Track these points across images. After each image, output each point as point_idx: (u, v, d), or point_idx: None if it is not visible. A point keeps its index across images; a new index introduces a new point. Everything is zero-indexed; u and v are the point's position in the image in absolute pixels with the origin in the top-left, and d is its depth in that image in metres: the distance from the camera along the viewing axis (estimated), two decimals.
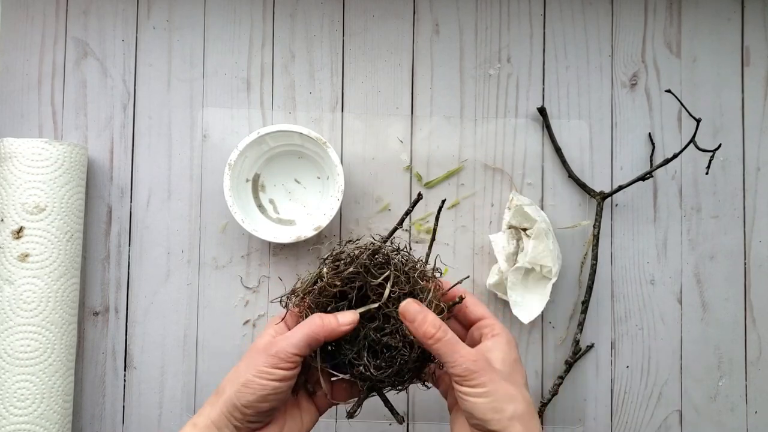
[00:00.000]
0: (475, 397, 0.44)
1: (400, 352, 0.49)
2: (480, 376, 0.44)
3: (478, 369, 0.44)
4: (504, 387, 0.44)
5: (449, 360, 0.45)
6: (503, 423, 0.43)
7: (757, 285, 0.67)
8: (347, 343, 0.50)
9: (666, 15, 0.69)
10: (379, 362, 0.49)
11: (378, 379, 0.49)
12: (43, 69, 0.67)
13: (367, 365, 0.49)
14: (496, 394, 0.43)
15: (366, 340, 0.49)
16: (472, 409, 0.44)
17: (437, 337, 0.46)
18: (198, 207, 0.67)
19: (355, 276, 0.50)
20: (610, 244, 0.67)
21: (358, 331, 0.49)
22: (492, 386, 0.44)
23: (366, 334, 0.49)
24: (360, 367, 0.49)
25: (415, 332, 0.47)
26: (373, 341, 0.49)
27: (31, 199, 0.60)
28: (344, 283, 0.50)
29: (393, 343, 0.49)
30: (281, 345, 0.47)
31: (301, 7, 0.68)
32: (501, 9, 0.68)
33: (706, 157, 0.65)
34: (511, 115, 0.68)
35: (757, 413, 0.67)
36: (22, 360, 0.59)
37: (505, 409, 0.43)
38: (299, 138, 0.63)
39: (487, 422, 0.43)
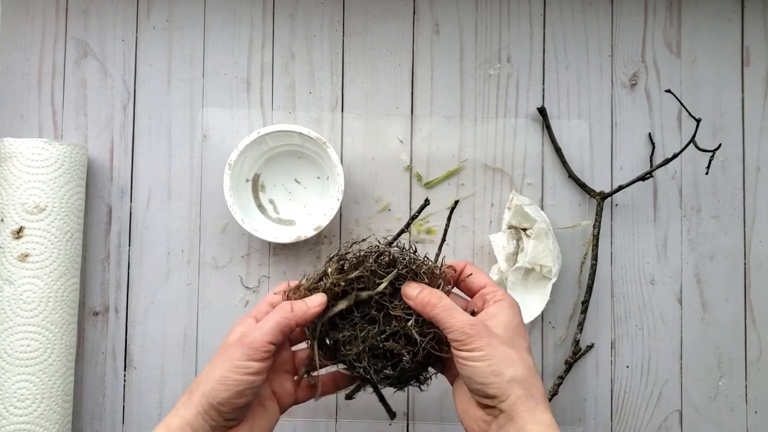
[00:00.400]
0: (473, 361, 0.44)
1: (402, 358, 0.48)
2: (477, 339, 0.44)
3: (474, 333, 0.44)
4: (503, 350, 0.44)
5: (446, 325, 0.45)
6: (502, 386, 0.43)
7: (757, 285, 0.67)
8: (346, 345, 0.49)
9: (666, 15, 0.69)
10: (380, 367, 0.49)
11: (379, 380, 0.49)
12: (43, 69, 0.67)
13: (367, 368, 0.48)
14: (494, 358, 0.43)
15: (366, 343, 0.48)
16: (471, 373, 0.44)
17: (433, 303, 0.46)
18: (198, 207, 0.67)
19: (360, 278, 0.49)
20: (610, 244, 0.67)
21: (358, 332, 0.49)
22: (490, 350, 0.43)
23: (366, 337, 0.48)
24: (360, 370, 0.49)
25: (415, 306, 0.47)
26: (374, 345, 0.48)
27: (31, 199, 0.60)
28: (348, 283, 0.49)
29: (396, 349, 0.48)
30: (254, 335, 0.46)
31: (301, 7, 0.68)
32: (501, 9, 0.68)
33: (706, 157, 0.65)
34: (511, 115, 0.68)
35: (757, 413, 0.67)
36: (22, 360, 0.59)
37: (504, 372, 0.43)
38: (299, 138, 0.63)
39: (486, 386, 0.43)
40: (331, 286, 0.49)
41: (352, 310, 0.49)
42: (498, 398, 0.43)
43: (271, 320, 0.47)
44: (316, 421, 0.66)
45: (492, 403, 0.43)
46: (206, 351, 0.66)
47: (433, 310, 0.46)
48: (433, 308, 0.46)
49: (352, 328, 0.49)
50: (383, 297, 0.49)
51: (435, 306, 0.46)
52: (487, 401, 0.44)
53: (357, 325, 0.49)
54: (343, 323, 0.50)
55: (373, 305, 0.49)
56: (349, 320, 0.49)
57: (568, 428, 0.66)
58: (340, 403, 0.66)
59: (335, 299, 0.50)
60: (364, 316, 0.49)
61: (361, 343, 0.48)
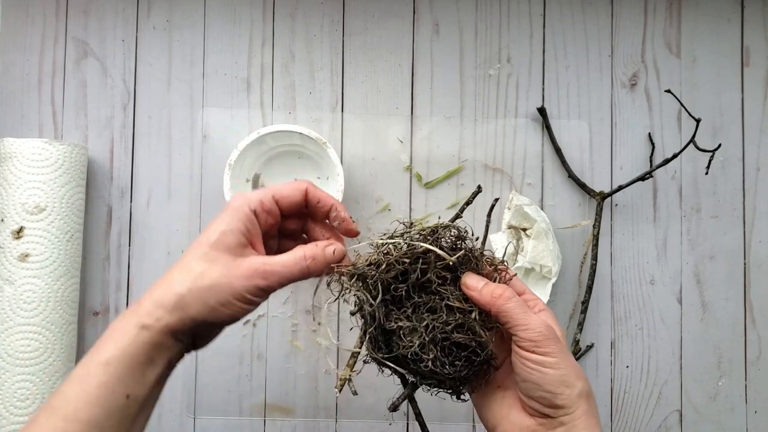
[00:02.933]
0: (545, 366, 0.40)
1: (471, 350, 0.43)
2: (552, 343, 0.40)
3: (551, 335, 0.40)
4: (572, 361, 0.40)
5: (521, 322, 0.40)
6: (572, 399, 0.39)
7: (756, 285, 0.67)
8: (407, 335, 0.43)
9: (666, 15, 0.69)
10: (452, 359, 0.42)
11: (440, 380, 0.43)
12: (43, 69, 0.67)
13: (437, 359, 0.42)
14: (567, 367, 0.40)
15: (433, 333, 0.42)
16: (539, 379, 0.40)
17: (506, 296, 0.41)
18: (198, 207, 0.67)
19: (422, 256, 0.43)
20: (609, 244, 0.67)
21: (419, 322, 0.43)
22: (562, 357, 0.40)
23: (430, 326, 0.42)
24: (428, 362, 0.42)
25: (480, 298, 0.42)
26: (441, 334, 0.42)
27: (32, 199, 0.60)
28: (412, 261, 0.43)
29: (462, 339, 0.42)
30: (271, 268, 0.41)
31: (301, 7, 0.68)
32: (501, 9, 0.68)
33: (706, 157, 0.65)
34: (511, 115, 0.68)
35: (757, 413, 0.67)
36: (22, 360, 0.59)
37: (575, 384, 0.40)
38: (299, 138, 0.63)
39: (555, 396, 0.39)
40: (395, 263, 0.43)
41: (405, 300, 0.44)
42: (564, 409, 0.40)
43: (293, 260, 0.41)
44: (316, 421, 0.66)
45: (554, 413, 0.40)
46: (206, 351, 0.66)
47: (507, 303, 0.41)
48: (507, 301, 0.41)
49: (408, 319, 0.43)
50: (443, 284, 0.44)
51: (509, 299, 0.41)
52: (549, 411, 0.40)
53: (415, 314, 0.43)
54: (398, 313, 0.43)
55: (431, 294, 0.44)
56: (402, 311, 0.43)
57: None
58: (340, 403, 0.66)
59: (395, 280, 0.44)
60: (421, 305, 0.43)
61: (425, 331, 0.42)
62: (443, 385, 0.44)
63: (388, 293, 0.43)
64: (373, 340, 0.43)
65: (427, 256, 0.43)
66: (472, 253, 0.44)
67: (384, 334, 0.43)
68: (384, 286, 0.43)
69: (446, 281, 0.44)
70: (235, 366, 0.66)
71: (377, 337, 0.43)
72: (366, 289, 0.43)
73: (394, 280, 0.43)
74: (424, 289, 0.44)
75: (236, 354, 0.66)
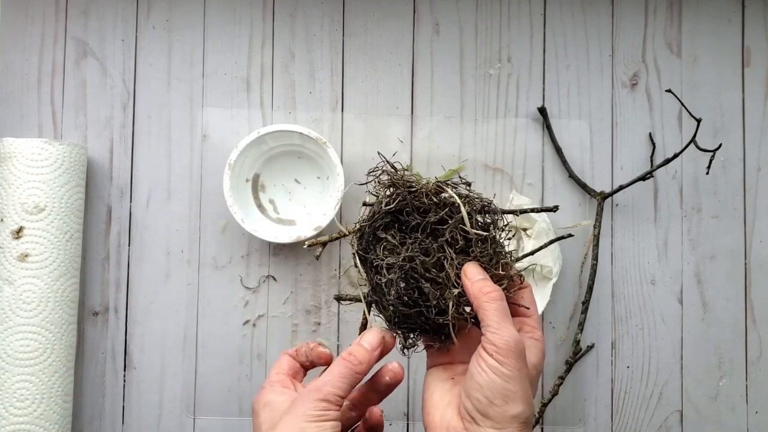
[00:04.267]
0: (497, 375, 0.40)
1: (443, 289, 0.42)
2: (514, 359, 0.40)
3: (517, 352, 0.40)
4: (526, 388, 0.40)
5: (494, 326, 0.40)
6: (504, 416, 0.39)
7: (757, 285, 0.67)
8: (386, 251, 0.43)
9: (666, 15, 0.69)
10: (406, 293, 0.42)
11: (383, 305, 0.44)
12: (43, 69, 0.67)
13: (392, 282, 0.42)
14: (517, 385, 0.40)
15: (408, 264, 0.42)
16: (484, 383, 0.40)
17: (493, 296, 0.41)
18: (198, 207, 0.67)
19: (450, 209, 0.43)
20: (610, 244, 0.67)
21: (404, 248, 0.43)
22: (517, 376, 0.40)
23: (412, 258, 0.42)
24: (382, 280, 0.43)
25: (469, 287, 0.42)
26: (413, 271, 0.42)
27: (31, 199, 0.60)
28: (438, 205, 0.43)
29: (428, 291, 0.42)
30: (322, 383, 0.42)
31: (301, 7, 0.68)
32: (501, 9, 0.68)
33: (707, 157, 0.65)
34: (511, 115, 0.68)
35: (758, 413, 0.67)
36: (22, 360, 0.59)
37: (515, 404, 0.40)
38: (299, 138, 0.63)
39: (490, 404, 0.40)
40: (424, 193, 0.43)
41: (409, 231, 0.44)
42: (491, 421, 0.40)
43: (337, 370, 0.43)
44: None
45: (481, 421, 0.40)
46: (206, 351, 0.66)
47: (490, 303, 0.41)
48: (490, 301, 0.41)
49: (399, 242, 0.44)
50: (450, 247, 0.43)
51: (493, 300, 0.41)
52: (477, 416, 0.40)
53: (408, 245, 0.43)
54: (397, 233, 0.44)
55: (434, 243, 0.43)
56: (401, 236, 0.44)
57: (569, 428, 0.66)
58: None
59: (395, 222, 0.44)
60: (419, 242, 0.43)
61: (402, 259, 0.42)
62: (384, 312, 0.44)
63: (401, 215, 0.44)
64: (362, 236, 0.45)
65: (453, 212, 0.43)
66: (496, 243, 0.44)
67: (374, 240, 0.44)
68: (402, 204, 0.44)
69: (456, 246, 0.43)
70: (235, 366, 0.66)
71: (365, 237, 0.45)
72: (387, 197, 0.44)
73: (414, 210, 0.44)
74: (433, 236, 0.44)
75: (236, 354, 0.66)
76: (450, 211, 0.43)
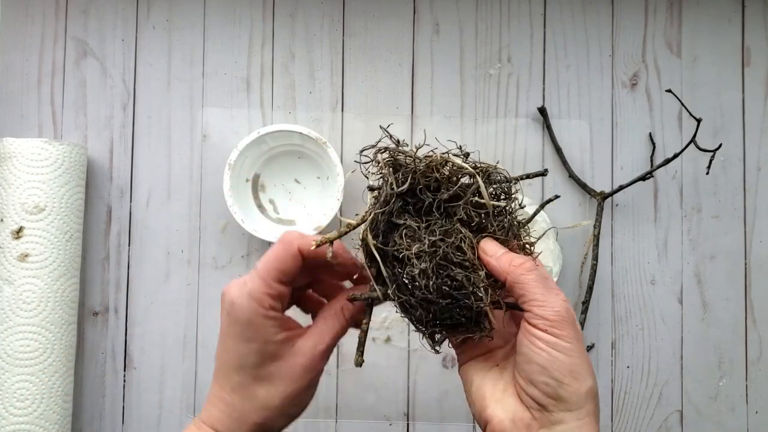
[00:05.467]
0: (558, 350, 0.35)
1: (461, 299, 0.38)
2: (569, 327, 0.35)
3: (570, 319, 0.35)
4: (586, 355, 0.36)
5: (539, 297, 0.36)
6: (578, 395, 0.35)
7: (757, 285, 0.67)
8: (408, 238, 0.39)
9: (666, 15, 0.69)
10: (441, 282, 0.38)
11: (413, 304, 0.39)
12: (43, 69, 0.67)
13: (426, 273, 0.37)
14: (581, 358, 0.35)
15: (435, 248, 0.38)
16: (548, 363, 0.35)
17: (527, 266, 0.37)
18: (198, 207, 0.67)
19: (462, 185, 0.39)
20: (610, 244, 0.67)
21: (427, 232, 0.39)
22: (577, 346, 0.35)
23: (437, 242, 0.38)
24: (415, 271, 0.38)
25: (497, 264, 0.37)
26: (444, 255, 0.38)
27: (31, 199, 0.60)
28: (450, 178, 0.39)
29: (461, 278, 0.38)
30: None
31: (301, 7, 0.68)
32: (501, 9, 0.68)
33: (707, 157, 0.65)
34: (511, 114, 0.68)
35: (758, 413, 0.67)
36: (22, 360, 0.59)
37: (585, 379, 0.35)
38: (299, 138, 0.63)
39: (561, 385, 0.35)
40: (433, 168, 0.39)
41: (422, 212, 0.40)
42: (566, 404, 0.35)
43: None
44: (316, 422, 0.66)
45: (554, 406, 0.36)
46: (206, 351, 0.66)
47: (527, 274, 0.36)
48: (527, 272, 0.36)
49: (416, 223, 0.39)
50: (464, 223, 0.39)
51: (530, 271, 0.36)
52: (548, 402, 0.36)
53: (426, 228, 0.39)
54: (410, 217, 0.40)
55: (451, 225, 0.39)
56: (415, 219, 0.40)
57: None
58: (340, 403, 0.66)
59: None
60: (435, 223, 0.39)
61: (427, 245, 0.38)
62: (413, 311, 0.39)
63: (413, 196, 0.40)
64: (375, 225, 0.39)
65: (467, 186, 0.39)
66: (512, 215, 0.40)
67: (389, 227, 0.40)
68: (413, 184, 0.39)
69: (471, 222, 0.39)
70: None
71: (379, 225, 0.39)
72: (395, 176, 0.39)
73: (425, 188, 0.39)
74: (448, 215, 0.40)
75: None
76: (462, 185, 0.39)
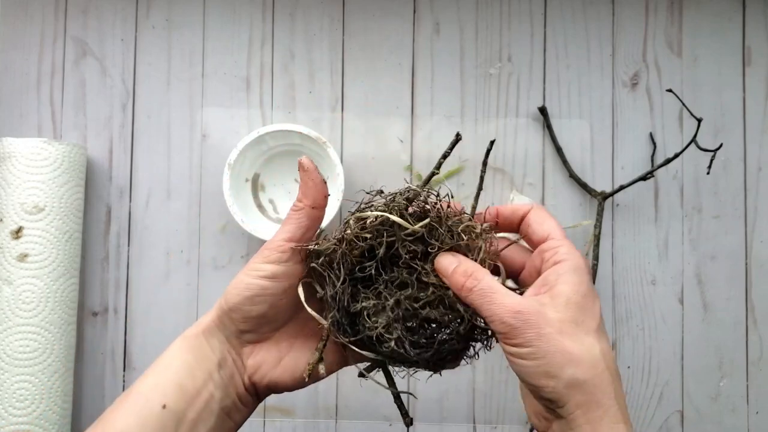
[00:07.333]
0: (520, 358, 0.35)
1: (442, 327, 0.39)
2: (524, 332, 0.34)
3: (520, 323, 0.34)
4: (559, 343, 0.34)
5: (486, 314, 0.36)
6: (558, 391, 0.34)
7: (758, 285, 0.67)
8: (372, 316, 0.39)
9: (667, 15, 0.68)
10: (417, 338, 0.38)
11: (411, 360, 0.40)
12: (42, 68, 0.67)
13: (401, 339, 0.38)
14: (547, 355, 0.34)
15: (398, 310, 0.39)
16: (519, 372, 0.35)
17: (467, 287, 0.37)
18: (197, 207, 0.67)
19: (384, 228, 0.39)
20: (611, 244, 0.67)
21: (385, 301, 0.39)
22: (541, 344, 0.34)
23: (397, 302, 0.39)
24: (391, 343, 0.38)
25: (451, 286, 0.38)
26: (407, 312, 0.39)
27: (30, 199, 0.60)
28: (374, 236, 0.39)
29: (434, 316, 0.39)
30: (272, 238, 0.40)
31: (301, 6, 0.68)
32: (501, 8, 0.68)
33: (708, 157, 0.65)
34: (511, 114, 0.67)
35: (759, 414, 0.66)
36: (22, 360, 0.59)
37: (560, 373, 0.34)
38: (299, 138, 0.63)
39: (540, 389, 0.35)
40: (355, 240, 0.39)
41: (375, 278, 0.40)
42: (555, 403, 0.35)
43: (285, 221, 0.41)
44: (316, 422, 0.66)
45: (549, 405, 0.35)
46: None
47: (469, 295, 0.36)
48: (468, 293, 0.36)
49: (377, 297, 0.39)
50: (414, 259, 0.40)
51: (471, 291, 0.36)
52: (544, 403, 0.36)
53: (384, 293, 0.39)
54: (366, 292, 0.40)
55: (402, 269, 0.40)
56: (372, 289, 0.40)
57: None
58: (339, 403, 0.66)
59: (361, 258, 0.40)
60: (392, 281, 0.40)
61: (391, 311, 0.39)
62: (417, 365, 0.40)
63: (355, 273, 0.40)
64: (337, 324, 0.40)
65: (392, 228, 0.39)
66: (443, 219, 0.40)
67: (350, 317, 0.40)
68: (349, 266, 0.40)
69: (417, 255, 0.40)
70: None
71: (341, 321, 0.40)
72: (331, 271, 0.40)
73: (362, 258, 0.40)
74: (397, 265, 0.40)
75: None
76: (389, 231, 0.39)
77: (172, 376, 0.40)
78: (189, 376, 0.40)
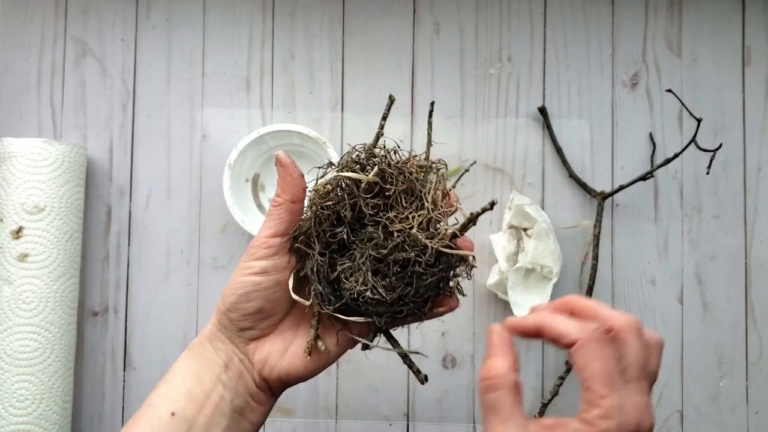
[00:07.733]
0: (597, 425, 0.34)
1: (412, 264, 0.39)
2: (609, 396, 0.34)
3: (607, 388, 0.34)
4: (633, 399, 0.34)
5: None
6: None
7: (758, 285, 0.67)
8: (350, 277, 0.40)
9: (667, 15, 0.69)
10: (388, 281, 0.39)
11: (395, 309, 0.40)
12: (43, 68, 0.67)
13: (374, 287, 0.39)
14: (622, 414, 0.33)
15: (367, 262, 0.40)
16: None
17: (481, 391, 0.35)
18: (197, 207, 0.67)
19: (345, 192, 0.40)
20: (610, 244, 0.67)
21: (358, 260, 0.40)
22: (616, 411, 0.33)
23: (364, 254, 0.40)
24: (366, 293, 0.39)
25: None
26: (376, 261, 0.40)
27: (31, 199, 0.60)
28: (336, 202, 0.40)
29: (401, 257, 0.39)
30: (257, 235, 0.42)
31: (301, 6, 0.68)
32: (501, 8, 0.68)
33: (707, 156, 0.65)
34: (511, 114, 0.68)
35: (758, 413, 0.66)
36: (22, 360, 0.59)
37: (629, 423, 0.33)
38: (299, 138, 0.63)
39: None
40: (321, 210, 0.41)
41: (350, 244, 0.41)
42: None
43: (267, 217, 0.42)
44: (316, 422, 0.66)
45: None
46: None
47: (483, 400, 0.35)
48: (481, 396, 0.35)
49: (351, 260, 0.41)
50: (378, 213, 0.40)
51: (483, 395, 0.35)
52: None
53: (356, 253, 0.41)
54: (342, 259, 0.41)
55: (369, 226, 0.41)
56: (348, 254, 0.41)
57: None
58: (340, 403, 0.66)
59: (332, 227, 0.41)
60: (363, 240, 0.41)
61: (363, 266, 0.40)
62: (406, 317, 0.41)
63: (333, 245, 0.41)
64: (321, 295, 0.41)
65: (350, 189, 0.40)
66: (393, 166, 0.41)
67: (331, 286, 0.41)
68: (325, 239, 0.41)
69: (380, 208, 0.41)
70: None
71: (324, 292, 0.41)
72: (309, 249, 0.42)
73: (334, 228, 0.41)
74: (365, 225, 0.41)
75: None
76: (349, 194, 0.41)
77: (180, 385, 0.41)
78: (196, 381, 0.41)
